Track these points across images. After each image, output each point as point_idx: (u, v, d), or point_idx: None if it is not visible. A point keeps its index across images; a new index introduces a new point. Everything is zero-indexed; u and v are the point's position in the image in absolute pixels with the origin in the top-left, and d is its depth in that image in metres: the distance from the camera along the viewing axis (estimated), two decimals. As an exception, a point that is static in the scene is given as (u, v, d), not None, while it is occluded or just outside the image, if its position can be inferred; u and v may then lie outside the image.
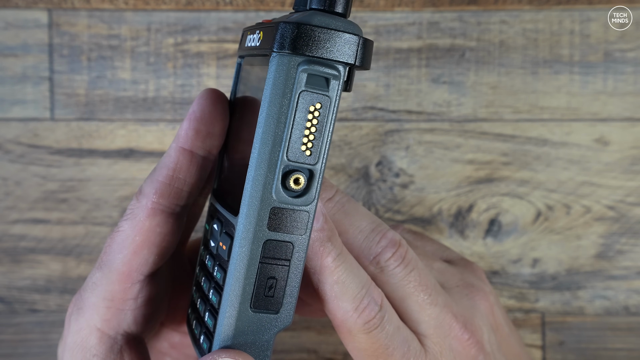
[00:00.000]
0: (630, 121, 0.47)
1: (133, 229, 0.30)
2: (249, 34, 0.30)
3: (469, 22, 0.46)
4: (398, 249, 0.31)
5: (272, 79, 0.26)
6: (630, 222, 0.47)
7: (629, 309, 0.47)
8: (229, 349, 0.28)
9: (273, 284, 0.28)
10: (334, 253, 0.29)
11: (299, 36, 0.26)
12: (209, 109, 0.31)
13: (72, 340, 0.32)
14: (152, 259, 0.31)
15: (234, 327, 0.28)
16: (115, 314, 0.31)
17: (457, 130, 0.47)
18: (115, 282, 0.31)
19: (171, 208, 0.31)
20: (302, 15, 0.26)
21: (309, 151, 0.27)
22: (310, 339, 0.47)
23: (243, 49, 0.31)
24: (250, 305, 0.28)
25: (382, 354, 0.30)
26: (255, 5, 0.46)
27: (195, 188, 0.31)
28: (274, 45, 0.26)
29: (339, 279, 0.29)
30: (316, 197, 0.27)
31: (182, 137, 0.31)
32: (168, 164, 0.31)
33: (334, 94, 0.26)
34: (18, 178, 0.47)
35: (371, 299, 0.30)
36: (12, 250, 0.47)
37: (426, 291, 0.32)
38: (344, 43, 0.26)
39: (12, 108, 0.47)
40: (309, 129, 0.27)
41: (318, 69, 0.26)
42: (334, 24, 0.26)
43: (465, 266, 0.37)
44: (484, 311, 0.35)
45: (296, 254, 0.28)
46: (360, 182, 0.47)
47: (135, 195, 0.31)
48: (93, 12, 0.46)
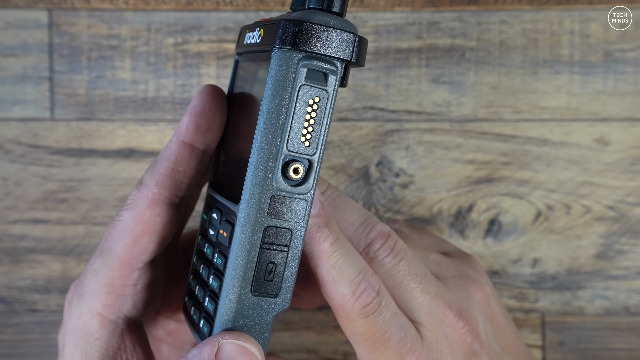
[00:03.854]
0: (630, 121, 0.47)
1: (134, 218, 0.32)
2: (248, 31, 0.31)
3: (469, 22, 0.46)
4: (387, 240, 0.32)
5: (274, 73, 0.27)
6: (630, 222, 0.47)
7: (629, 309, 0.47)
8: (231, 331, 0.29)
9: (272, 268, 0.29)
10: (330, 238, 0.30)
11: (300, 33, 0.27)
12: (209, 105, 0.32)
13: (73, 326, 0.33)
14: (152, 247, 0.32)
15: (234, 310, 0.29)
16: (116, 299, 0.32)
17: (457, 130, 0.47)
18: (116, 268, 0.32)
19: (171, 199, 0.32)
20: (302, 13, 0.28)
21: (307, 142, 0.28)
22: (310, 339, 0.48)
23: (241, 46, 0.32)
24: (250, 289, 0.29)
25: (379, 339, 0.31)
26: (255, 5, 0.46)
27: (194, 180, 0.32)
28: (276, 41, 0.27)
29: (336, 263, 0.30)
30: (314, 186, 0.29)
31: (183, 131, 0.32)
32: (169, 157, 0.32)
33: (332, 89, 0.28)
34: (18, 178, 0.47)
35: (368, 284, 0.31)
36: (12, 250, 0.47)
37: (416, 280, 0.33)
38: (341, 41, 0.27)
39: (12, 108, 0.47)
40: (308, 121, 0.28)
41: (317, 64, 0.27)
42: (332, 22, 0.27)
43: (462, 258, 0.38)
44: (479, 301, 0.35)
45: (294, 240, 0.29)
46: (360, 182, 0.47)
47: (136, 185, 0.32)
48: (93, 12, 0.46)
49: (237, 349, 0.28)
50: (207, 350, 0.28)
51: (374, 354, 0.32)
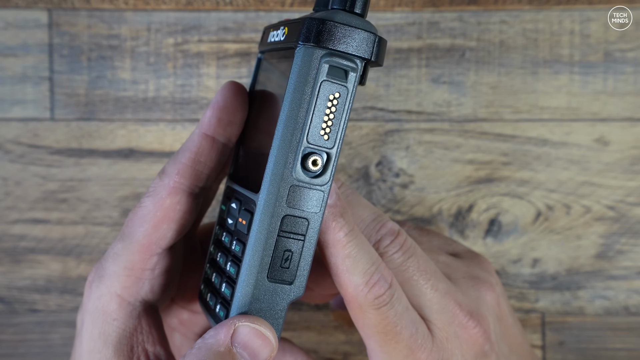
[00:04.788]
0: (630, 121, 0.47)
1: (155, 205, 0.33)
2: (272, 30, 0.32)
3: (469, 22, 0.46)
4: (397, 237, 0.33)
5: (297, 68, 0.29)
6: (630, 222, 0.47)
7: (629, 309, 0.47)
8: (247, 315, 0.30)
9: (289, 256, 0.30)
10: (345, 228, 0.31)
11: (323, 31, 0.28)
12: (231, 100, 0.33)
13: (93, 306, 0.34)
14: (170, 234, 0.33)
15: (251, 295, 0.30)
16: (135, 282, 0.33)
17: (457, 130, 0.47)
18: (136, 252, 0.33)
19: (191, 188, 0.33)
20: (326, 13, 0.29)
21: (327, 136, 0.29)
22: (310, 339, 0.48)
23: (265, 44, 0.33)
24: (267, 275, 0.30)
25: (390, 331, 0.31)
26: (255, 5, 0.46)
27: (214, 171, 0.34)
28: (300, 38, 0.28)
29: (350, 253, 0.31)
30: (331, 178, 0.30)
31: (205, 124, 0.33)
32: (191, 148, 0.33)
33: (352, 85, 0.29)
34: (18, 178, 0.47)
35: (381, 276, 0.31)
36: (12, 250, 0.47)
37: (425, 276, 0.33)
38: (362, 40, 0.29)
39: (12, 108, 0.47)
40: (327, 115, 0.29)
41: (339, 61, 0.29)
42: (354, 22, 0.29)
43: (472, 258, 0.38)
44: (489, 302, 0.36)
45: (310, 229, 0.30)
46: (360, 182, 0.47)
47: (158, 174, 0.33)
48: (93, 12, 0.46)
49: (253, 332, 0.29)
50: (224, 331, 0.29)
51: (385, 348, 0.32)
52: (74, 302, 0.47)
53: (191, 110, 0.47)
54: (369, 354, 0.33)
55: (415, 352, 0.32)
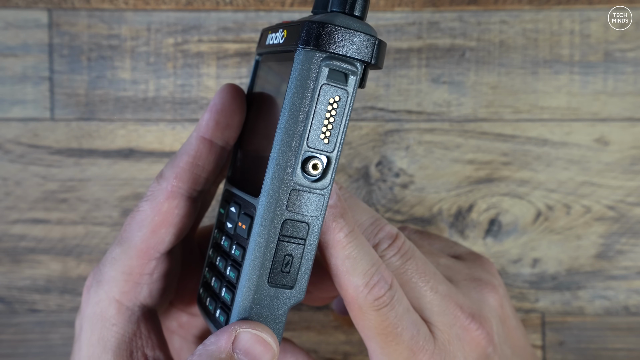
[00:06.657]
0: (630, 121, 0.47)
1: (153, 209, 0.33)
2: (270, 32, 0.32)
3: (469, 22, 0.46)
4: (395, 240, 0.33)
5: (297, 72, 0.28)
6: (630, 222, 0.47)
7: (629, 309, 0.47)
8: (248, 321, 0.30)
9: (289, 260, 0.30)
10: (346, 229, 0.31)
11: (323, 34, 0.28)
12: (228, 102, 0.33)
13: (91, 311, 0.33)
14: (169, 238, 0.33)
15: (251, 300, 0.30)
16: (133, 287, 0.33)
17: (457, 130, 0.47)
18: (134, 257, 0.33)
19: (189, 192, 0.33)
20: (325, 16, 0.29)
21: (327, 139, 0.29)
22: (310, 339, 0.47)
23: (263, 47, 0.33)
24: (267, 280, 0.30)
25: (391, 333, 0.31)
26: (255, 5, 0.46)
27: (212, 175, 0.33)
28: (300, 41, 0.28)
29: (350, 254, 0.31)
30: (331, 182, 0.29)
31: (203, 127, 0.33)
32: (189, 151, 0.33)
33: (351, 89, 0.29)
34: (18, 178, 0.47)
35: (381, 277, 0.31)
36: (12, 250, 0.47)
37: (424, 278, 0.33)
38: (362, 43, 0.28)
39: (12, 108, 0.47)
40: (328, 119, 0.29)
41: (339, 64, 0.28)
42: (354, 25, 0.29)
43: (474, 260, 0.38)
44: (492, 304, 0.35)
45: (311, 234, 0.30)
46: (360, 182, 0.47)
47: (156, 178, 0.33)
48: (93, 12, 0.46)
49: (254, 338, 0.29)
50: (225, 338, 0.29)
51: (385, 349, 0.32)
52: (74, 302, 0.47)
53: (191, 110, 0.47)
54: (370, 355, 0.33)
55: (416, 354, 0.32)
